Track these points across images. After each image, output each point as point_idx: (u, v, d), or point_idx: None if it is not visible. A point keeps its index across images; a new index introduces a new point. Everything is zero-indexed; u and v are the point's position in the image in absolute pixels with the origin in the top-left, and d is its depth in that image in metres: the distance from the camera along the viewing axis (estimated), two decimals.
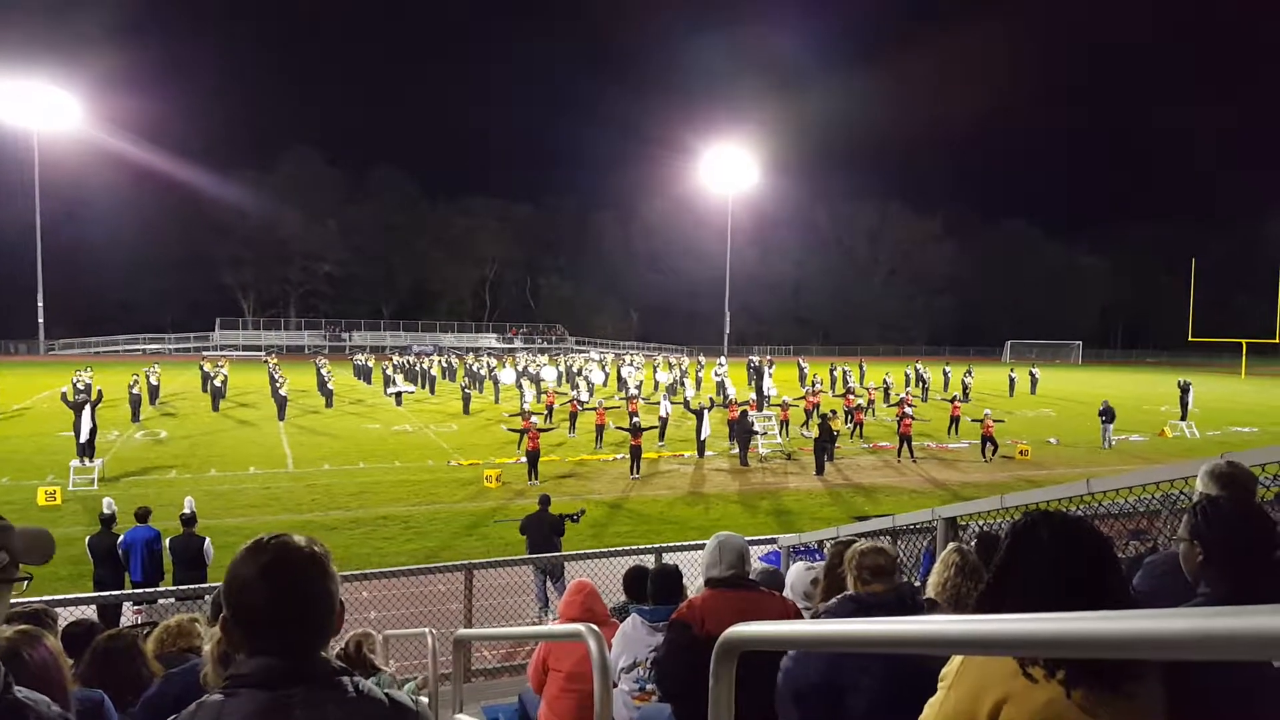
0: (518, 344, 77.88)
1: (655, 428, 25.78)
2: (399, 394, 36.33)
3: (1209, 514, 2.24)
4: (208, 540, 10.56)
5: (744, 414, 24.53)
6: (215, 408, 32.88)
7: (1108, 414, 27.28)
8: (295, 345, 73.49)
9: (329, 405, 34.58)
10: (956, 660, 1.95)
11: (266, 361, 44.09)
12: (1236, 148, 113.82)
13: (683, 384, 39.70)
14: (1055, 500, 4.89)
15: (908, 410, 25.08)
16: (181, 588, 8.73)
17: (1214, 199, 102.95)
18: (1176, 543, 2.36)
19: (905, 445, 24.27)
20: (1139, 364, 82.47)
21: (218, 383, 34.03)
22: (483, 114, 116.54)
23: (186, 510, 10.90)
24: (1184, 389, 32.96)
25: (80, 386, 28.32)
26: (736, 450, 23.91)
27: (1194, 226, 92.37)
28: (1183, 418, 31.66)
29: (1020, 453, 24.87)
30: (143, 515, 10.82)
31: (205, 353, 62.71)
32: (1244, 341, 65.60)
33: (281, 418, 30.25)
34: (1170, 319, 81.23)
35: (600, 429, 25.78)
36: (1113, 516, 5.02)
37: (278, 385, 31.88)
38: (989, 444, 24.38)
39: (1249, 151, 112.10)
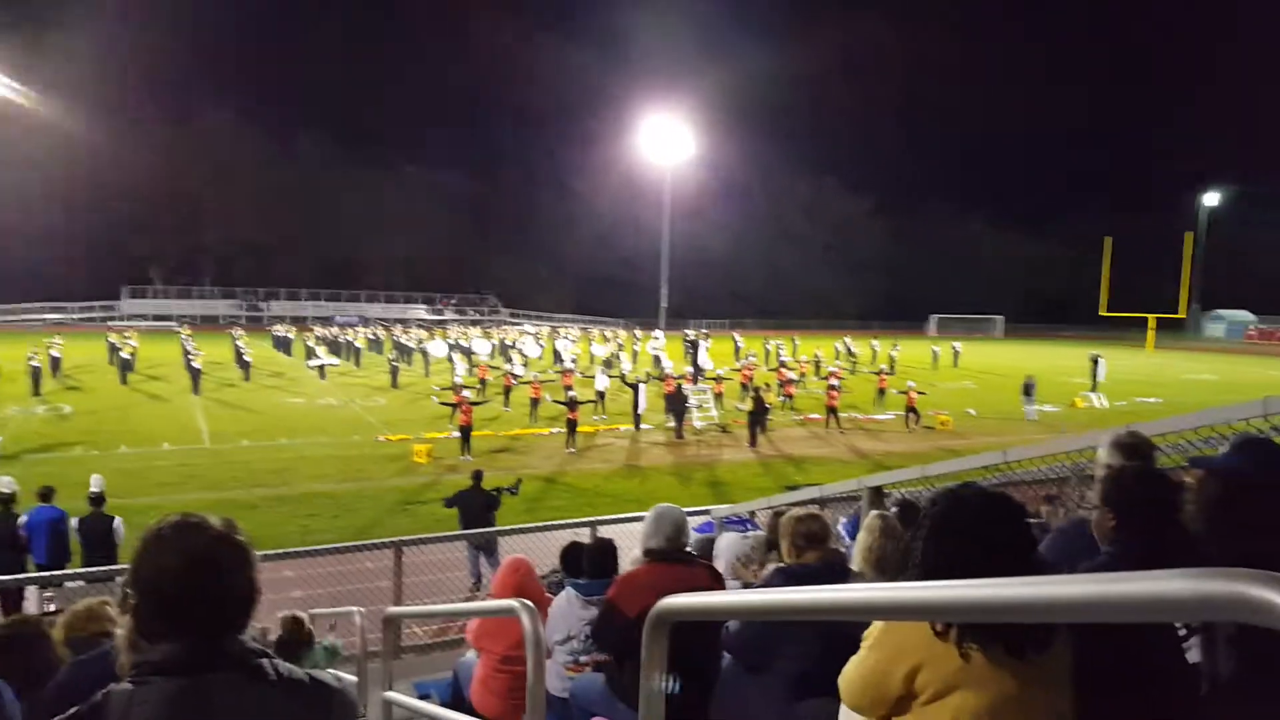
0: (448, 316, 76.81)
1: (592, 401, 25.84)
2: (322, 367, 35.49)
3: (1120, 481, 2.35)
4: (118, 520, 10.06)
5: (679, 387, 24.73)
6: (124, 381, 31.66)
7: (1029, 389, 28.14)
8: (210, 315, 70.63)
9: (247, 378, 33.64)
10: (877, 624, 2.03)
11: (179, 333, 42.52)
12: (1150, 130, 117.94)
13: (619, 357, 39.75)
14: (974, 469, 5.07)
15: (834, 383, 25.59)
16: (91, 570, 8.35)
17: (1130, 179, 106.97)
18: (1089, 509, 2.47)
19: (832, 417, 24.81)
20: (1056, 338, 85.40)
21: (126, 355, 32.76)
22: (410, 76, 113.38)
23: (95, 489, 10.33)
24: (1095, 362, 34.35)
25: None
26: (672, 423, 24.09)
27: (1109, 207, 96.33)
28: (1093, 389, 32.98)
29: (942, 423, 25.63)
30: (46, 495, 10.22)
31: (112, 323, 59.82)
32: (1151, 317, 68.62)
33: (196, 391, 29.26)
34: (1085, 295, 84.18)
35: (535, 402, 25.69)
36: (1026, 483, 5.24)
37: (191, 357, 30.73)
38: (912, 415, 25.09)
39: (1162, 133, 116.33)
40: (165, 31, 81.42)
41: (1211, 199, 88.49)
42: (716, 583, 3.89)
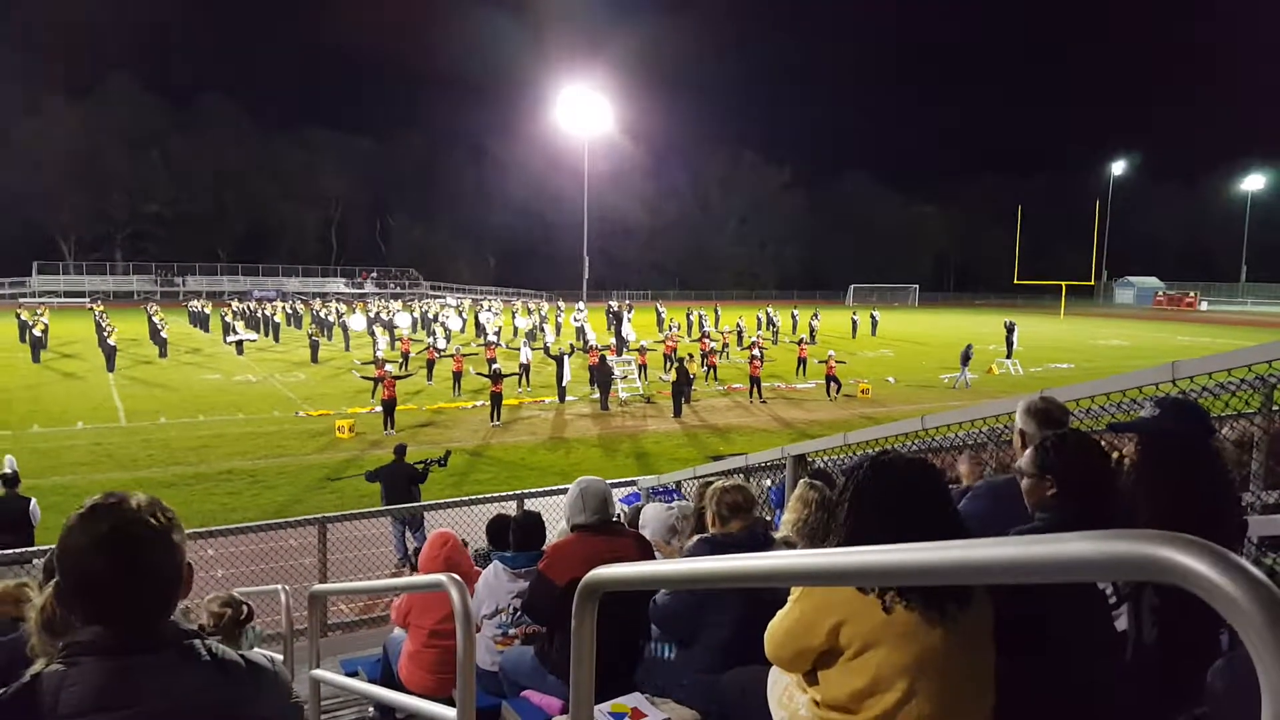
0: (369, 289, 75.20)
1: (515, 374, 25.68)
2: (240, 342, 34.50)
3: (1056, 448, 2.40)
4: (34, 501, 9.74)
5: (604, 359, 24.72)
6: (36, 359, 30.41)
7: (967, 357, 28.59)
8: (123, 291, 68.09)
9: (163, 355, 32.55)
10: None
11: (92, 309, 40.88)
12: (1062, 101, 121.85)
13: (542, 329, 39.53)
14: (893, 436, 5.20)
15: (756, 353, 25.93)
16: (5, 552, 8.06)
17: (1039, 151, 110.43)
18: (1020, 476, 2.51)
19: (755, 387, 25.17)
20: (969, 306, 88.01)
21: (37, 332, 31.43)
22: (319, 41, 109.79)
23: (8, 469, 10.02)
24: (1009, 329, 35.51)
25: None
26: (597, 395, 24.11)
27: (1019, 177, 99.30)
28: (1008, 355, 34.11)
29: (862, 391, 26.23)
30: None
31: (22, 300, 57.17)
32: (1063, 284, 71.15)
33: (111, 369, 28.25)
34: (998, 264, 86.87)
35: (458, 376, 25.43)
36: (944, 450, 5.39)
37: (105, 334, 29.70)
38: (833, 383, 25.60)
39: (1074, 104, 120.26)
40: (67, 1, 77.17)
41: (1118, 167, 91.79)
42: (645, 552, 3.93)
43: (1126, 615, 2.23)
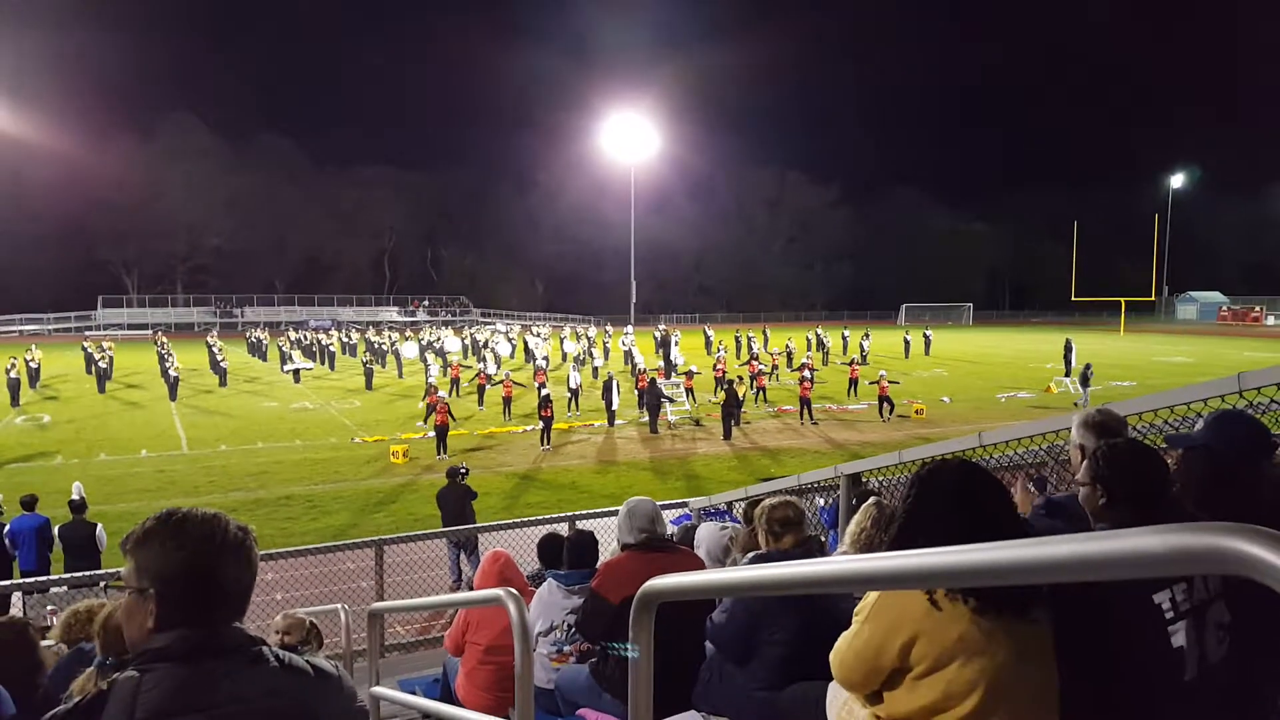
0: (421, 317, 76.32)
1: (566, 398, 25.88)
2: (297, 371, 35.24)
3: (1107, 457, 2.35)
4: (100, 526, 10.13)
5: (653, 382, 24.75)
6: (101, 389, 31.40)
7: (1086, 378, 27.57)
8: (184, 323, 70.19)
9: (223, 384, 33.35)
10: (871, 597, 2.06)
11: (154, 341, 42.17)
12: (1116, 114, 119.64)
13: (590, 354, 39.73)
14: (950, 453, 5.12)
15: (807, 375, 25.72)
16: (74, 575, 8.34)
17: (1094, 164, 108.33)
18: (1076, 487, 2.46)
19: (806, 409, 24.95)
20: (1025, 324, 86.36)
21: (103, 364, 32.48)
22: (373, 80, 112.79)
23: (75, 496, 10.45)
24: (1067, 347, 34.73)
25: None
26: (646, 418, 24.12)
27: (1076, 191, 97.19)
28: (1066, 374, 33.35)
29: (916, 412, 25.84)
30: (29, 503, 10.34)
31: (88, 333, 59.28)
32: (1123, 300, 69.42)
33: (173, 398, 29.08)
34: (1054, 280, 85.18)
35: (508, 401, 25.65)
36: (1004, 469, 5.29)
37: (167, 365, 30.65)
38: (885, 404, 25.26)
39: (1128, 117, 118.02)
40: (129, 41, 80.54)
41: (1177, 181, 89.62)
42: (699, 568, 3.92)
43: (1184, 632, 2.16)
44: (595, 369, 35.46)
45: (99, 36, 76.35)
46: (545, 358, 35.46)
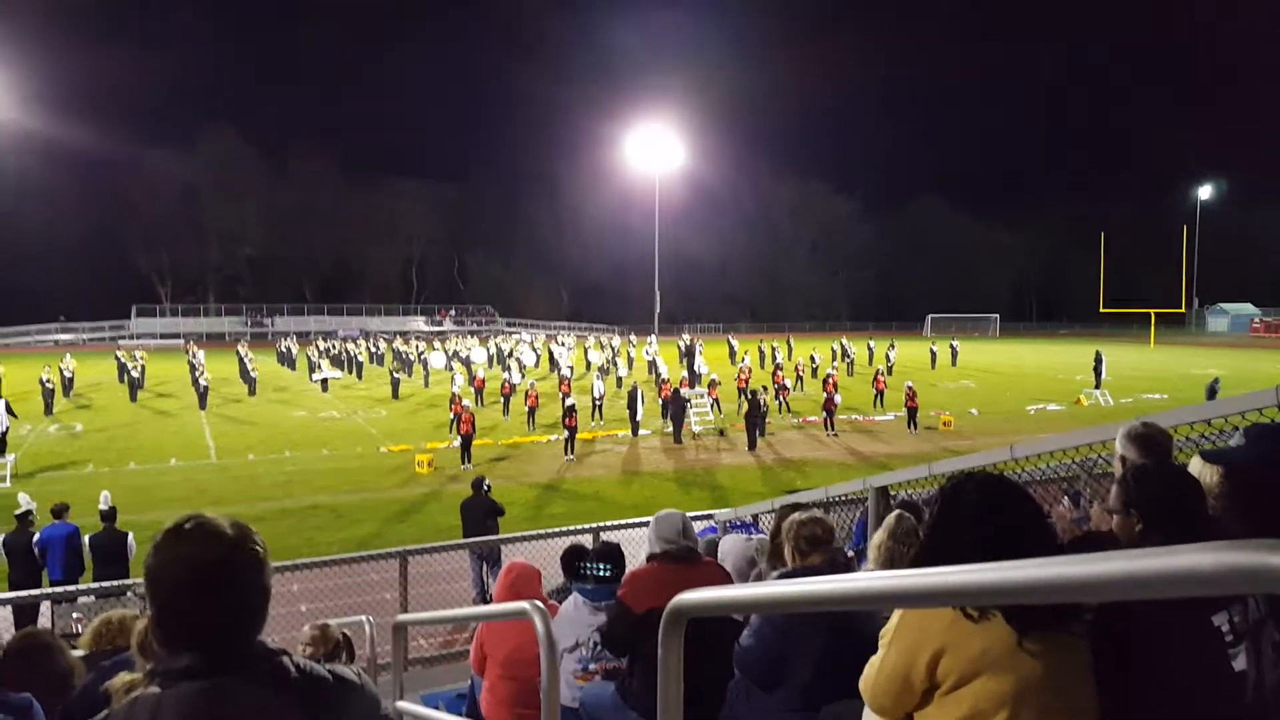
0: (447, 326, 76.77)
1: (590, 408, 25.90)
2: (325, 380, 35.57)
3: (1139, 481, 2.28)
4: (130, 535, 10.22)
5: (676, 392, 24.71)
6: (133, 398, 31.82)
7: (1213, 392, 26.08)
8: (216, 332, 71.15)
9: (252, 393, 33.71)
10: (896, 617, 2.02)
11: (186, 350, 42.77)
12: (1143, 122, 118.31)
13: (615, 363, 39.75)
14: (981, 466, 5.05)
15: (832, 385, 25.59)
16: (103, 584, 8.42)
17: (1123, 175, 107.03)
18: (1109, 515, 2.40)
19: (829, 419, 24.81)
20: (1053, 335, 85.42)
21: (135, 373, 32.94)
22: (401, 91, 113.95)
23: (105, 505, 10.52)
24: (1097, 359, 34.32)
25: None
26: (670, 428, 24.08)
27: (1102, 201, 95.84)
28: (1096, 386, 32.95)
29: (944, 424, 25.61)
30: (60, 511, 10.43)
31: (121, 342, 60.25)
32: (1152, 312, 68.40)
33: (203, 407, 29.43)
34: (1082, 291, 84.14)
35: (532, 410, 25.72)
36: (1035, 482, 5.21)
37: (198, 374, 31.00)
38: (911, 415, 25.06)
39: (1156, 126, 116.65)
40: (166, 54, 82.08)
41: (1205, 191, 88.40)
42: (726, 582, 3.88)
43: (1245, 655, 2.09)
44: (619, 379, 35.48)
45: (137, 51, 78.13)
46: (570, 367, 35.52)
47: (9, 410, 20.23)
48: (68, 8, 76.12)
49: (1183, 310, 69.14)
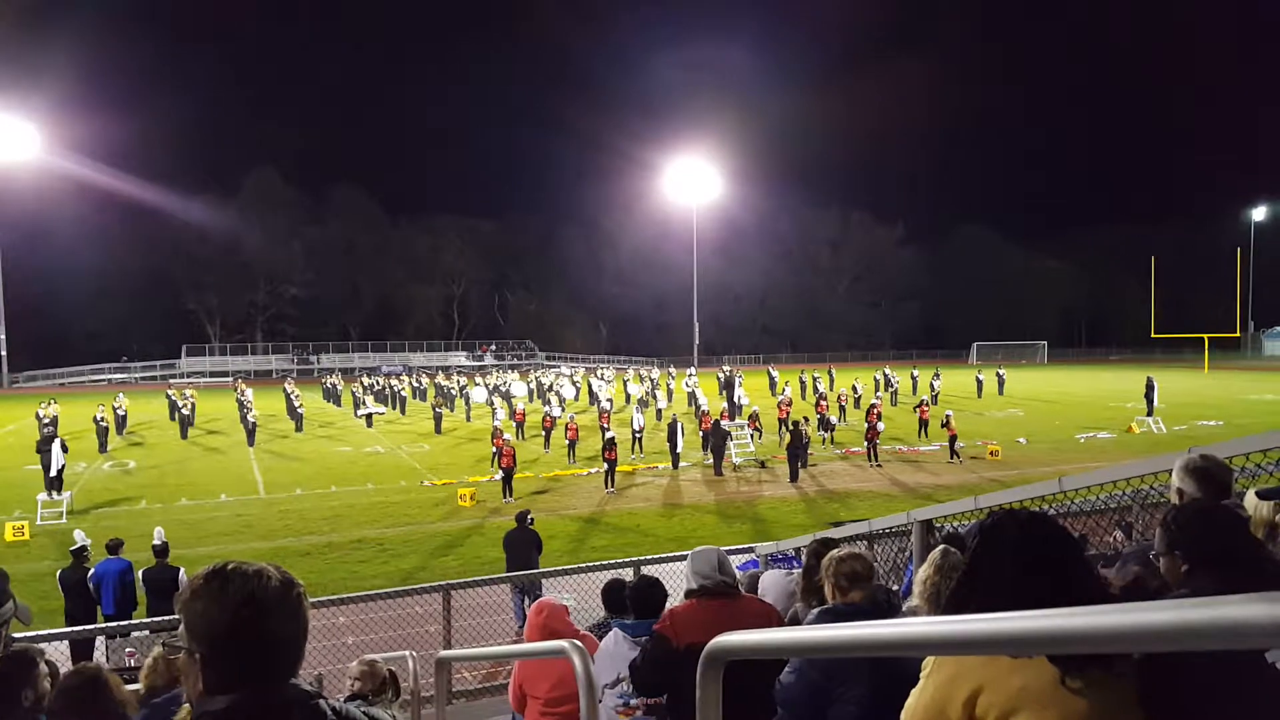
0: (488, 361, 77.49)
1: (630, 440, 25.88)
2: (369, 415, 36.02)
3: (1180, 523, 2.23)
4: (182, 570, 10.37)
5: (717, 424, 24.60)
6: (184, 436, 32.46)
7: None
8: (263, 370, 72.65)
9: (299, 429, 34.21)
10: None
11: (234, 387, 43.68)
12: (1192, 146, 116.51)
13: (654, 396, 39.76)
14: (1029, 499, 4.94)
15: (876, 415, 25.29)
16: (156, 619, 8.55)
17: (1171, 198, 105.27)
18: (1155, 558, 2.34)
19: (873, 450, 24.50)
20: (1103, 362, 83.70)
21: (186, 411, 33.63)
22: (442, 131, 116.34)
23: (157, 541, 10.71)
24: (1149, 385, 33.53)
25: (45, 420, 27.77)
26: (710, 460, 23.95)
27: (1152, 225, 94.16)
28: (1149, 413, 32.17)
29: (991, 453, 25.14)
30: (114, 547, 10.63)
31: (172, 380, 61.78)
32: (1206, 337, 66.77)
33: (251, 443, 29.93)
34: (1132, 316, 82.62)
35: (572, 444, 25.77)
36: (1085, 513, 5.09)
37: (246, 411, 31.56)
38: (951, 445, 24.64)
39: (1205, 149, 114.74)
40: (212, 100, 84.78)
41: (1259, 213, 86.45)
42: (769, 619, 3.83)
43: None
44: (659, 411, 35.43)
45: (184, 98, 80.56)
46: (609, 400, 35.57)
47: (64, 448, 20.76)
48: (114, 57, 79.11)
49: (1238, 334, 67.47)
